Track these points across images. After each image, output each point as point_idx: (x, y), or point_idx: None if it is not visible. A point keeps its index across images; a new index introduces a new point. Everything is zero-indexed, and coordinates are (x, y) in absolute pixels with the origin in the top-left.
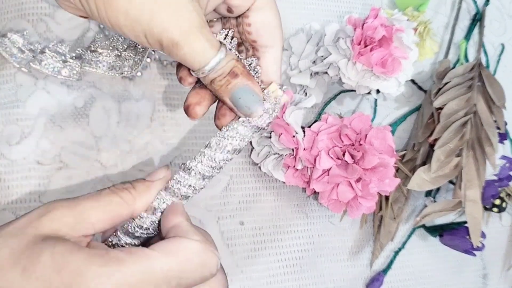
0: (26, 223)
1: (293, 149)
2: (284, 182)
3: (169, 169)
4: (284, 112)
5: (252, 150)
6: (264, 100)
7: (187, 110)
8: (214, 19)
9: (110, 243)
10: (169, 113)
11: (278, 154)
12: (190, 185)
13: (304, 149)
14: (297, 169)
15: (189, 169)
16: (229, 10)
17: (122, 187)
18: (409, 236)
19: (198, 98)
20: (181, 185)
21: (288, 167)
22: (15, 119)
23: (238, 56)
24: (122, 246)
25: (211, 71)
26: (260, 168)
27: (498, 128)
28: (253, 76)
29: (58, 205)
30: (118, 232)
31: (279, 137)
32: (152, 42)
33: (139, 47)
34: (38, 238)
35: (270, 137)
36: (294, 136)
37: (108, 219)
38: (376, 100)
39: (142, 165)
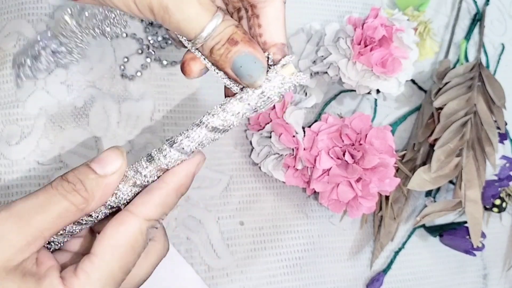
0: None
1: (293, 149)
2: (284, 182)
3: (124, 154)
4: (284, 112)
5: (252, 150)
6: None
7: (182, 67)
8: None
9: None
10: (169, 113)
11: (278, 154)
12: (175, 160)
13: (304, 149)
14: (297, 169)
15: (176, 144)
16: None
17: (72, 188)
18: (409, 236)
19: (194, 54)
20: (166, 159)
21: (288, 167)
22: (15, 119)
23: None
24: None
25: (208, 38)
26: (260, 168)
27: (498, 128)
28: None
29: (7, 228)
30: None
31: (279, 137)
32: (142, 9)
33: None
34: None
35: (270, 137)
36: (294, 136)
37: (60, 227)
38: (376, 100)
39: None
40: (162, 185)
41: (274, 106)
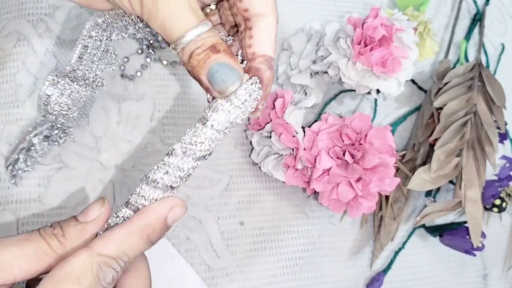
0: None
1: (293, 149)
2: (284, 182)
3: (106, 203)
4: (284, 112)
5: (252, 150)
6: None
7: None
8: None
9: None
10: (169, 113)
11: (278, 154)
12: (155, 199)
13: (304, 149)
14: (297, 169)
15: (154, 182)
16: None
17: (52, 232)
18: (409, 236)
19: None
20: (145, 200)
21: (288, 167)
22: (15, 119)
23: (227, 40)
24: None
25: (190, 42)
26: (260, 168)
27: (498, 128)
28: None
29: None
30: None
31: (279, 137)
32: (133, 2)
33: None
34: None
35: (270, 137)
36: (294, 136)
37: (32, 268)
38: (376, 100)
39: (142, 165)
40: (126, 223)
41: (274, 106)
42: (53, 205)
